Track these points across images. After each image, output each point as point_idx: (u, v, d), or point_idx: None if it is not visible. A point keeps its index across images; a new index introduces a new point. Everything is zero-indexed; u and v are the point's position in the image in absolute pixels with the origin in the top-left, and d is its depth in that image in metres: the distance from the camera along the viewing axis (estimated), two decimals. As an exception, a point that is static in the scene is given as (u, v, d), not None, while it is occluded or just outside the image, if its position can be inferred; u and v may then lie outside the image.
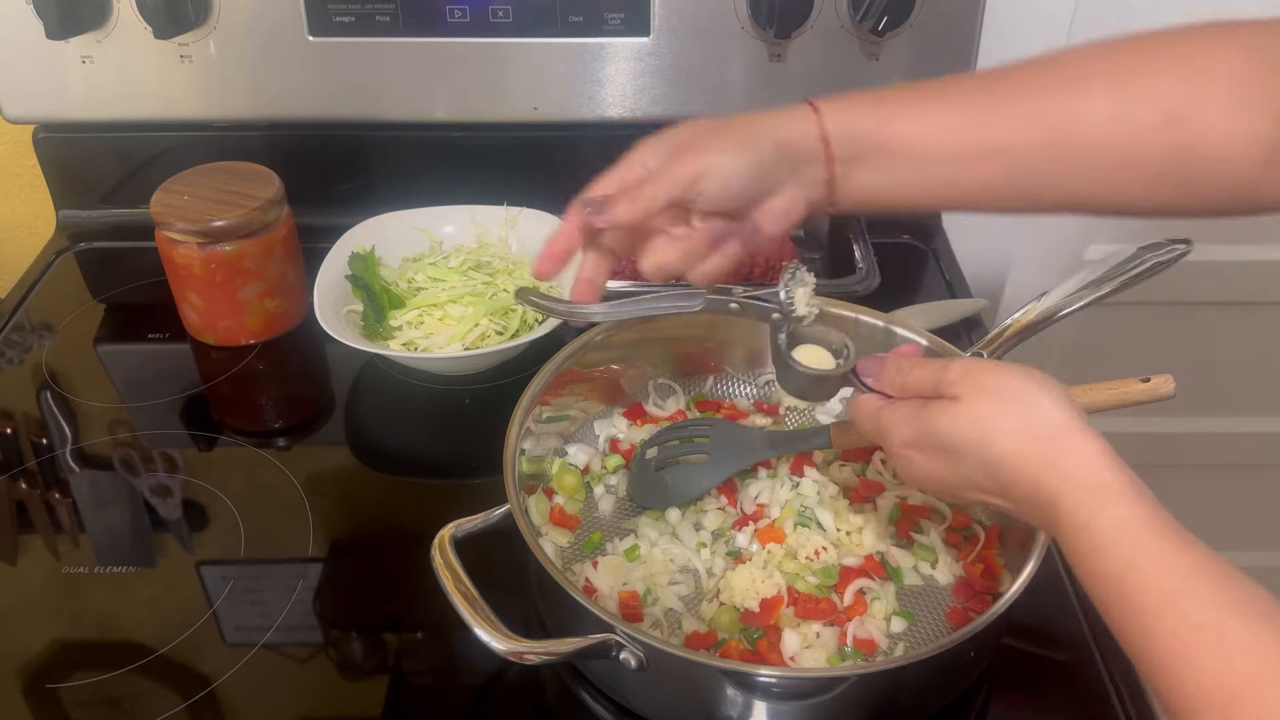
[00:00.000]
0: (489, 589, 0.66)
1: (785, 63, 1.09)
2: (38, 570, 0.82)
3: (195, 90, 1.11)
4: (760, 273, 1.06)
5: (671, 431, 0.86)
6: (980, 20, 1.07)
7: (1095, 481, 0.52)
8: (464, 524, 0.71)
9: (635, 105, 1.12)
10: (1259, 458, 1.54)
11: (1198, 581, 0.47)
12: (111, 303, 1.12)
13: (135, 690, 0.73)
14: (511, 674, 0.74)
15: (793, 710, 0.68)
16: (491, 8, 1.06)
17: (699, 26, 1.07)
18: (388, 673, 0.75)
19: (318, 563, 0.82)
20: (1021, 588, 0.66)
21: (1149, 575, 0.48)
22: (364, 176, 1.19)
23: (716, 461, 0.82)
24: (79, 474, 0.92)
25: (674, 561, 0.78)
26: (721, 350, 0.93)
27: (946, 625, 0.74)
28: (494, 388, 0.98)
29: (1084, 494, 0.52)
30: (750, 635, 0.72)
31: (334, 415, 0.99)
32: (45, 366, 1.03)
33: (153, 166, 1.17)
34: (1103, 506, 0.51)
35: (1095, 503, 0.52)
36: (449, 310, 0.99)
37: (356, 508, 0.90)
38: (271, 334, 1.05)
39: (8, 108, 1.12)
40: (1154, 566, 0.49)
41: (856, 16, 1.04)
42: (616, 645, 0.64)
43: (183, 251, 0.98)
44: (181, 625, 0.77)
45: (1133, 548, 0.50)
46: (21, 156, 1.25)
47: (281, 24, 1.07)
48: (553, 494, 0.84)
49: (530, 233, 1.08)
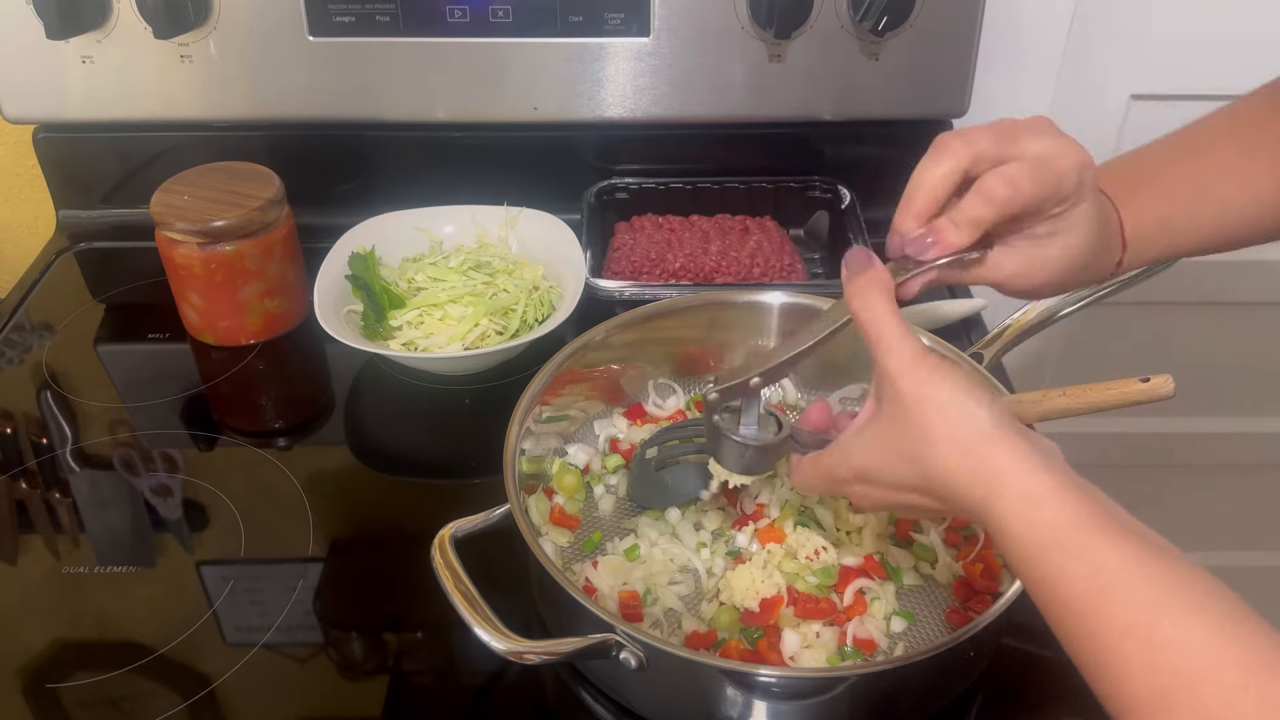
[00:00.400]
0: (489, 589, 0.66)
1: (785, 63, 1.09)
2: (38, 570, 0.82)
3: (195, 90, 1.11)
4: (760, 273, 1.06)
5: (671, 431, 0.85)
6: (980, 20, 1.07)
7: (1019, 489, 0.51)
8: (464, 524, 0.71)
9: (635, 105, 1.12)
10: (1259, 458, 1.54)
11: (1127, 580, 0.47)
12: (111, 303, 1.12)
13: (135, 690, 0.73)
14: (511, 674, 0.74)
15: (793, 710, 0.68)
16: (491, 8, 1.06)
17: (699, 26, 1.07)
18: (388, 673, 0.75)
19: (318, 563, 0.82)
20: (1021, 588, 0.66)
21: (1079, 578, 0.48)
22: (364, 176, 1.19)
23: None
24: (79, 474, 0.92)
25: (674, 561, 0.78)
26: (721, 350, 0.93)
27: (946, 625, 0.74)
28: (494, 388, 0.98)
29: (1010, 504, 0.51)
30: (750, 635, 0.72)
31: (334, 415, 0.99)
32: (45, 366, 1.03)
33: (153, 166, 1.17)
34: (1031, 512, 0.51)
35: (1023, 510, 0.51)
36: (449, 310, 0.99)
37: (356, 508, 0.90)
38: (271, 334, 1.05)
39: (8, 108, 1.12)
40: (1083, 568, 0.48)
41: (856, 16, 1.04)
42: (616, 645, 0.64)
43: (183, 251, 0.98)
44: (181, 625, 0.77)
45: (1061, 550, 0.49)
46: (21, 156, 1.25)
47: (281, 24, 1.07)
48: (553, 494, 0.84)
49: (530, 233, 1.08)
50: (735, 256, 1.07)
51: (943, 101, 1.12)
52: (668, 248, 1.08)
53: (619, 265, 1.07)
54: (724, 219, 1.14)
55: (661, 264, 1.06)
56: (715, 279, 1.06)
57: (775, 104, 1.12)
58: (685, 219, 1.14)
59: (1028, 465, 0.52)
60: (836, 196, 1.15)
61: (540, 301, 1.01)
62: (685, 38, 1.08)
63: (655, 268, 1.06)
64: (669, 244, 1.09)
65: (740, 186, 1.17)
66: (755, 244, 1.09)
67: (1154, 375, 0.74)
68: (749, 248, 1.08)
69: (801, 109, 1.13)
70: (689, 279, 1.06)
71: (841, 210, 1.14)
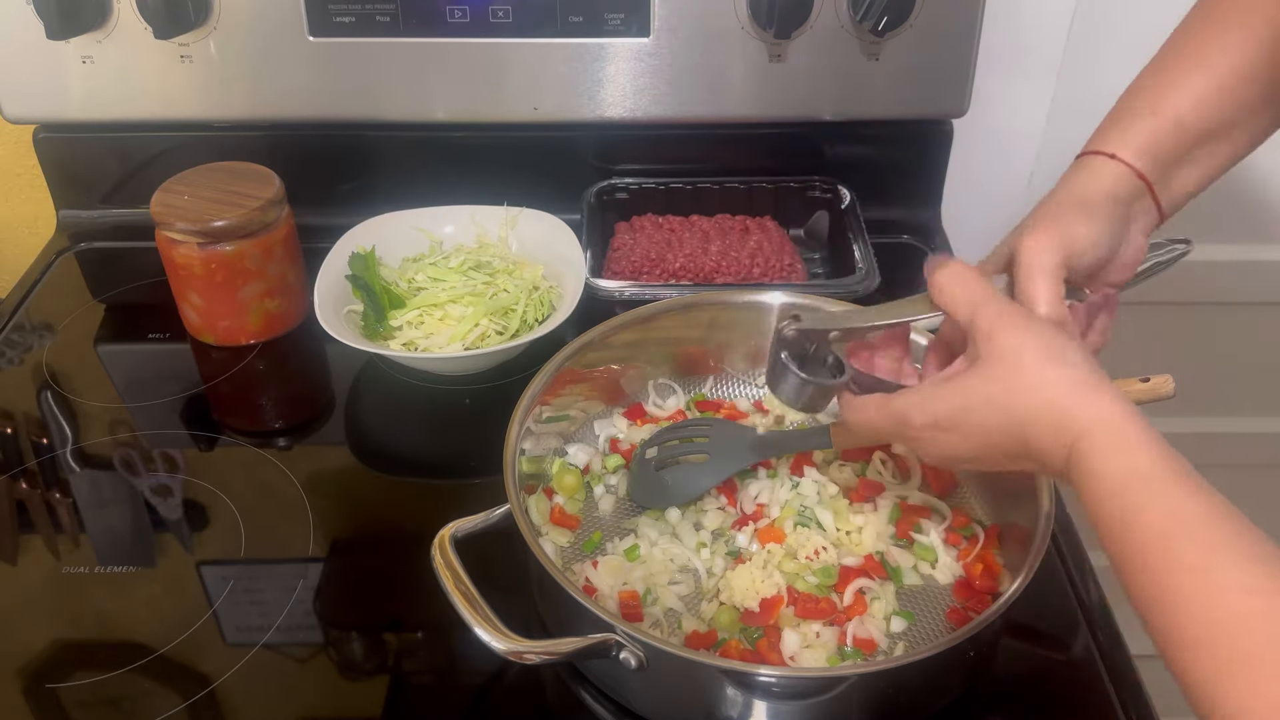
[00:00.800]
0: (489, 589, 0.66)
1: (785, 63, 1.09)
2: (38, 570, 0.82)
3: (195, 90, 1.11)
4: (760, 273, 1.06)
5: (671, 431, 0.86)
6: (980, 20, 1.07)
7: (1112, 431, 0.54)
8: (464, 524, 0.71)
9: (635, 105, 1.12)
10: (1259, 458, 1.54)
11: (1198, 526, 0.49)
12: (111, 303, 1.12)
13: (135, 690, 0.73)
14: (511, 674, 0.74)
15: (793, 710, 0.68)
16: (491, 8, 1.06)
17: (699, 26, 1.07)
18: (388, 673, 0.75)
19: (318, 563, 0.82)
20: (1021, 588, 0.66)
21: (1154, 518, 0.50)
22: (364, 176, 1.19)
23: (716, 461, 0.82)
24: (79, 474, 0.92)
25: (674, 561, 0.78)
26: (721, 350, 0.93)
27: (946, 625, 0.74)
28: (494, 388, 0.98)
29: (1100, 443, 0.54)
30: (750, 635, 0.72)
31: (334, 415, 0.99)
32: (45, 366, 1.03)
33: (153, 166, 1.17)
34: (1118, 455, 0.53)
35: (1111, 451, 0.53)
36: (449, 310, 0.99)
37: (356, 508, 0.90)
38: (271, 334, 1.05)
39: (8, 108, 1.12)
40: (1159, 511, 0.50)
41: (856, 16, 1.04)
42: (616, 645, 0.64)
43: (183, 251, 0.98)
44: (181, 625, 0.77)
45: (1141, 493, 0.51)
46: (21, 156, 1.25)
47: (281, 24, 1.07)
48: (553, 494, 0.84)
49: (530, 233, 1.08)
50: (735, 256, 1.07)
51: (943, 101, 1.12)
52: (668, 248, 1.08)
53: (619, 265, 1.07)
54: (724, 219, 1.14)
55: (661, 264, 1.06)
56: (715, 279, 1.06)
57: (775, 104, 1.12)
58: (685, 219, 1.14)
59: (1120, 412, 0.54)
60: (836, 196, 1.15)
61: (540, 301, 1.01)
62: (685, 38, 1.08)
63: (655, 268, 1.06)
64: (669, 244, 1.09)
65: (740, 186, 1.17)
66: (755, 244, 1.09)
67: (1154, 375, 0.74)
68: (749, 248, 1.08)
69: (801, 109, 1.13)
70: (689, 279, 1.06)
71: (841, 210, 1.14)
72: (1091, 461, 0.54)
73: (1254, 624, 0.45)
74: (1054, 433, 0.56)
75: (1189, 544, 0.49)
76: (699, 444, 0.83)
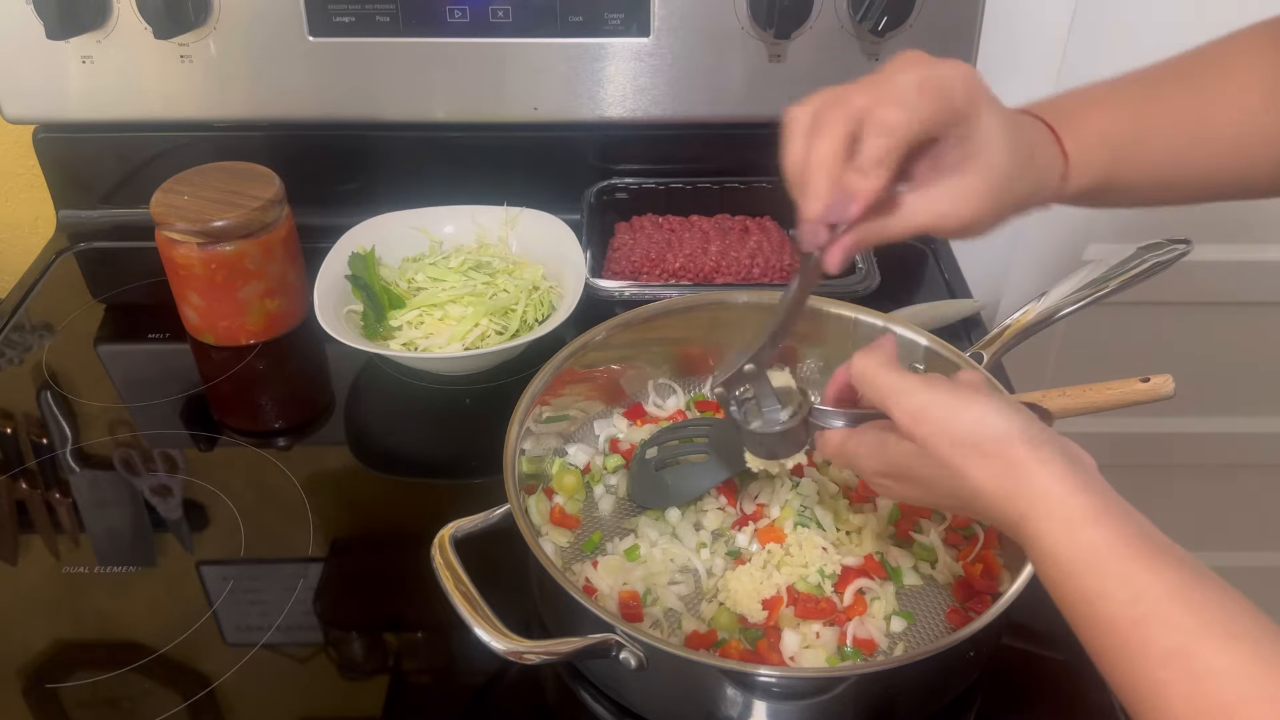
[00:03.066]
0: (489, 589, 0.66)
1: (785, 63, 1.09)
2: (38, 570, 0.82)
3: (195, 90, 1.11)
4: (760, 273, 1.06)
5: (671, 431, 0.86)
6: (980, 20, 1.07)
7: (1054, 510, 0.51)
8: (464, 524, 0.71)
9: (635, 105, 1.12)
10: (1259, 458, 1.54)
11: (1168, 605, 0.46)
12: (111, 303, 1.12)
13: (135, 690, 0.73)
14: (511, 674, 0.74)
15: (793, 710, 0.68)
16: (491, 8, 1.06)
17: (699, 26, 1.07)
18: (388, 673, 0.75)
19: (318, 563, 0.82)
20: (1021, 588, 0.66)
21: (1117, 601, 0.48)
22: (364, 176, 1.19)
23: (716, 461, 0.82)
24: (79, 474, 0.92)
25: (674, 561, 0.78)
26: (721, 350, 0.93)
27: (946, 625, 0.74)
28: (494, 388, 0.98)
29: (1045, 524, 0.52)
30: (750, 635, 0.72)
31: (334, 415, 0.99)
32: (45, 366, 1.03)
33: (153, 166, 1.17)
34: (1068, 532, 0.51)
35: (1061, 529, 0.51)
36: (449, 310, 0.99)
37: (356, 508, 0.90)
38: (271, 334, 1.05)
39: (8, 108, 1.12)
40: (1122, 592, 0.48)
41: (856, 17, 1.04)
42: (616, 645, 0.64)
43: (183, 251, 0.98)
44: (181, 625, 0.77)
45: (1100, 574, 0.49)
46: (21, 156, 1.25)
47: (281, 24, 1.07)
48: (553, 494, 0.84)
49: (530, 233, 1.08)
50: (735, 256, 1.07)
51: (943, 101, 1.12)
52: (668, 248, 1.08)
53: (619, 265, 1.07)
54: (724, 219, 1.14)
55: (661, 264, 1.06)
56: (715, 279, 1.06)
57: (775, 104, 1.10)
58: (685, 219, 1.14)
59: (1066, 486, 0.52)
60: (836, 196, 1.15)
61: (540, 301, 1.01)
62: (685, 38, 1.08)
63: (655, 268, 1.06)
64: (669, 244, 1.09)
65: (740, 186, 1.17)
66: (755, 244, 1.09)
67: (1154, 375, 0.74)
68: (749, 248, 1.08)
69: (801, 109, 1.13)
70: (689, 279, 1.06)
71: (841, 210, 1.14)
72: (1042, 543, 0.52)
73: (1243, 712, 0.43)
74: (1000, 516, 0.54)
75: (1160, 628, 0.46)
76: (699, 444, 0.83)
